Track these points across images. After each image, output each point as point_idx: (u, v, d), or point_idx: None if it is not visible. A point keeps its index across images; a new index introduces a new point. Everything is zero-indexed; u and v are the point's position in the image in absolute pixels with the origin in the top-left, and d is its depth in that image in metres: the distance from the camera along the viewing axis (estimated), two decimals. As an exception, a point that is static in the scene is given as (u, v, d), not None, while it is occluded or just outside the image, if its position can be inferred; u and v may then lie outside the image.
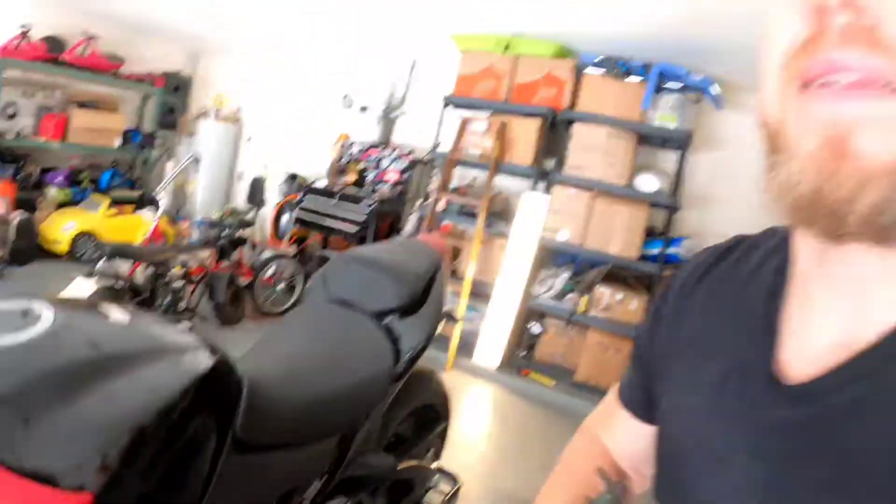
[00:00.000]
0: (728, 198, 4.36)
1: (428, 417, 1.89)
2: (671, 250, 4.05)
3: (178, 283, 3.48)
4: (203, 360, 0.92)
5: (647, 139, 4.27)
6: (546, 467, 0.73)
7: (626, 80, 4.10)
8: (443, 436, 2.00)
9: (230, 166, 6.26)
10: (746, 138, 3.63)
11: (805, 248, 0.44)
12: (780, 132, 0.39)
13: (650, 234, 4.13)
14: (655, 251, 4.03)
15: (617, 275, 4.23)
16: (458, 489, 1.90)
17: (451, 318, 1.84)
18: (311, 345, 1.42)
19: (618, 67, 4.10)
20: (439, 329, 1.64)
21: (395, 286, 1.50)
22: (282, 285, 4.40)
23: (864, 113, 0.34)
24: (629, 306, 3.99)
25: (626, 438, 0.66)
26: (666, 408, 0.56)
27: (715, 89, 3.94)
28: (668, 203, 4.05)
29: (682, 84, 4.01)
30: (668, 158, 4.47)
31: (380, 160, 4.90)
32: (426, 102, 5.06)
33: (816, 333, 0.43)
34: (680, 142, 4.07)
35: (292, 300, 4.47)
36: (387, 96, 5.13)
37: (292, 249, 4.78)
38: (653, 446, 0.58)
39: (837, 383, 0.40)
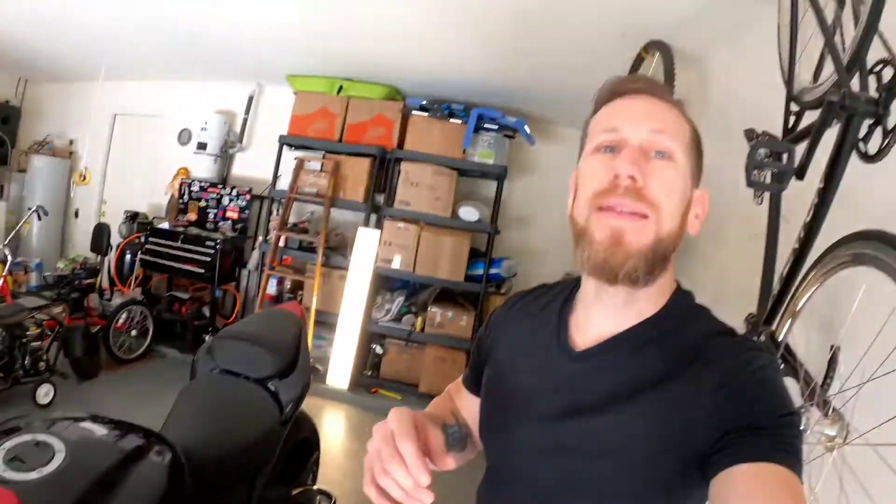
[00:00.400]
0: (540, 217, 5.41)
1: (305, 449, 2.40)
2: (493, 270, 4.96)
3: (36, 343, 3.66)
4: (165, 449, 1.39)
5: (469, 172, 5.12)
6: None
7: (449, 121, 4.96)
8: (317, 462, 2.55)
9: (65, 203, 6.36)
10: (554, 164, 4.92)
11: (588, 287, 0.86)
12: (586, 230, 0.80)
13: (475, 257, 4.97)
14: (480, 272, 4.91)
15: (447, 295, 5.06)
16: None
17: (315, 370, 2.68)
18: (214, 411, 1.87)
19: (441, 110, 4.95)
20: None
21: (272, 357, 2.00)
22: (134, 331, 4.69)
23: (629, 226, 0.76)
24: (460, 322, 4.84)
25: (464, 404, 1.08)
26: (489, 377, 0.98)
27: (525, 127, 4.88)
28: (489, 229, 4.95)
29: (498, 124, 4.95)
30: (488, 187, 5.37)
31: (220, 198, 5.38)
32: (263, 138, 5.63)
33: (593, 329, 0.86)
34: (497, 174, 4.99)
35: (146, 345, 4.76)
36: (224, 132, 5.59)
37: (139, 293, 5.07)
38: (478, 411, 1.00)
39: (600, 350, 0.83)
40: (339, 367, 4.83)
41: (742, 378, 0.76)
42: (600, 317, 0.86)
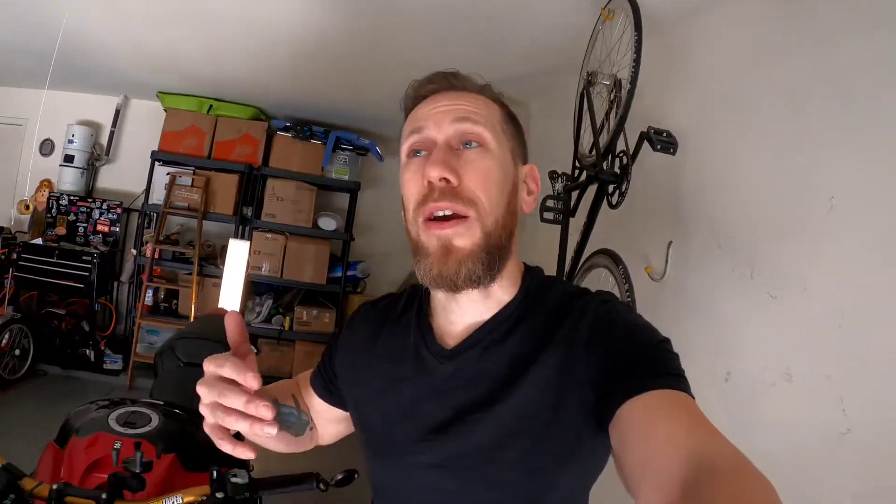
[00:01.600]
0: (385, 224, 6.52)
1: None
2: (350, 272, 5.99)
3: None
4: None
5: (327, 186, 6.05)
6: (289, 458, 1.19)
7: (310, 142, 5.81)
8: None
9: None
10: (398, 177, 5.94)
11: (439, 293, 0.91)
12: (419, 243, 0.85)
13: (335, 261, 5.94)
14: (339, 274, 5.90)
15: (311, 296, 6.01)
16: None
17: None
18: (190, 391, 2.56)
19: (303, 132, 5.78)
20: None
21: (223, 349, 2.85)
22: (17, 350, 4.83)
23: (454, 231, 0.80)
24: (324, 320, 5.81)
25: (310, 402, 1.10)
26: (357, 402, 1.00)
27: (376, 147, 5.86)
28: (345, 237, 5.95)
29: (353, 145, 5.89)
30: (342, 198, 6.35)
31: (90, 212, 5.72)
32: (129, 152, 6.01)
33: (457, 327, 0.91)
34: (351, 188, 6.00)
35: (28, 364, 4.94)
36: (90, 145, 5.87)
37: (10, 311, 5.09)
38: (323, 411, 1.08)
39: (470, 343, 0.88)
40: (217, 365, 5.40)
41: (608, 324, 0.81)
42: (461, 314, 0.91)
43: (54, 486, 1.19)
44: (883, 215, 1.56)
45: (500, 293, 0.90)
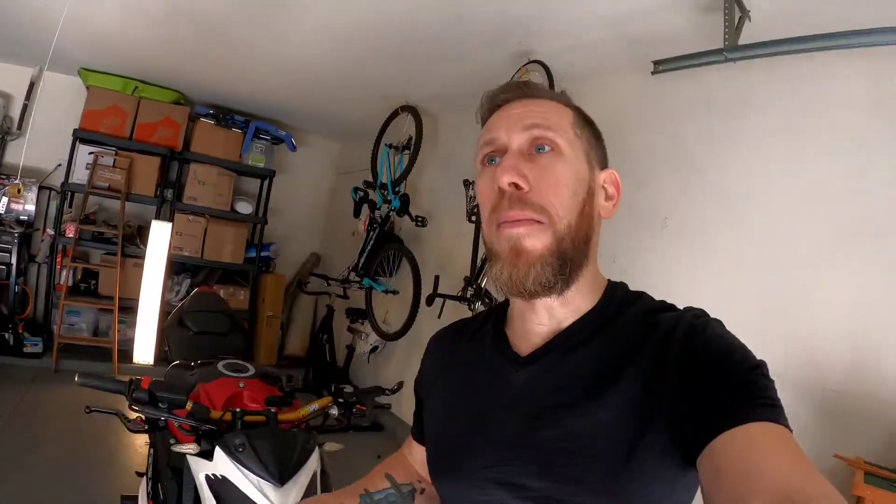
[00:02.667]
0: (292, 208, 7.26)
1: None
2: (263, 253, 6.69)
3: None
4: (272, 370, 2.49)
5: (242, 172, 6.62)
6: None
7: (231, 130, 6.33)
8: None
9: None
10: (303, 165, 7.83)
11: (517, 304, 0.93)
12: (492, 247, 0.87)
13: (250, 243, 6.59)
14: (254, 255, 6.57)
15: (227, 275, 6.63)
16: None
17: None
18: (207, 346, 2.75)
19: (225, 120, 6.28)
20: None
21: (226, 319, 3.01)
22: None
23: (524, 232, 0.81)
24: (238, 297, 6.47)
25: (416, 457, 1.13)
26: (431, 419, 1.04)
27: (291, 140, 6.55)
28: (259, 220, 6.62)
29: (270, 135, 6.52)
30: (251, 183, 6.93)
31: (3, 189, 5.68)
32: (41, 127, 5.79)
33: (534, 336, 0.91)
34: (267, 175, 6.64)
35: None
36: (1, 116, 5.74)
37: None
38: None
39: (543, 352, 0.88)
40: (144, 345, 5.67)
41: (702, 342, 0.77)
42: (538, 322, 0.91)
43: (237, 410, 1.74)
44: (697, 232, 2.94)
45: (580, 301, 0.90)
